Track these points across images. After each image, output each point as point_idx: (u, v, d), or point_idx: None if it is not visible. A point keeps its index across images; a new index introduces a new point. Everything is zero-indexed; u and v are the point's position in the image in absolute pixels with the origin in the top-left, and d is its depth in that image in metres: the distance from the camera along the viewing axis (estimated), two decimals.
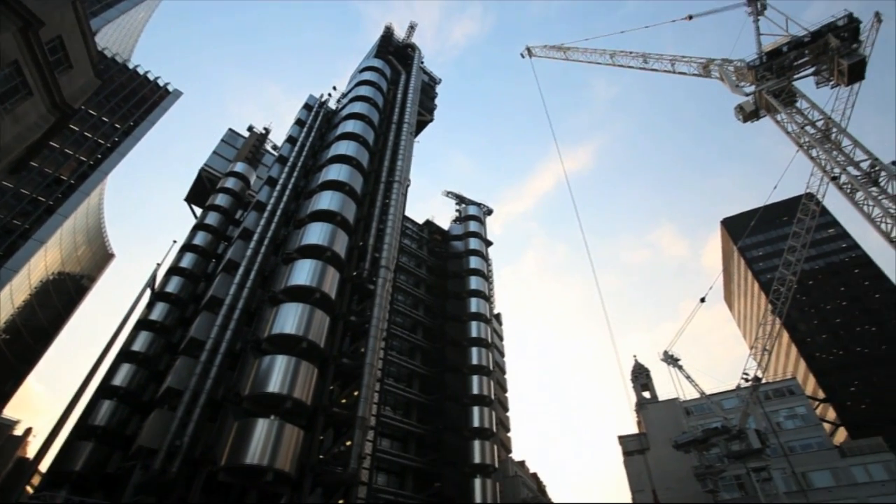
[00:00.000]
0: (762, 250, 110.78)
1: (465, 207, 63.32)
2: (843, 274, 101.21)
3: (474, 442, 42.44)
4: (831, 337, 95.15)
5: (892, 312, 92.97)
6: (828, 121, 39.70)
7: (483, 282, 54.62)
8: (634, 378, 71.56)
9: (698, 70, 48.40)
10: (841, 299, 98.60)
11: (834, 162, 37.78)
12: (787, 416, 60.59)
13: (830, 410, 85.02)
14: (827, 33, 40.80)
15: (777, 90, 42.42)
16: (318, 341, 29.51)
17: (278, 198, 38.90)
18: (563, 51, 61.35)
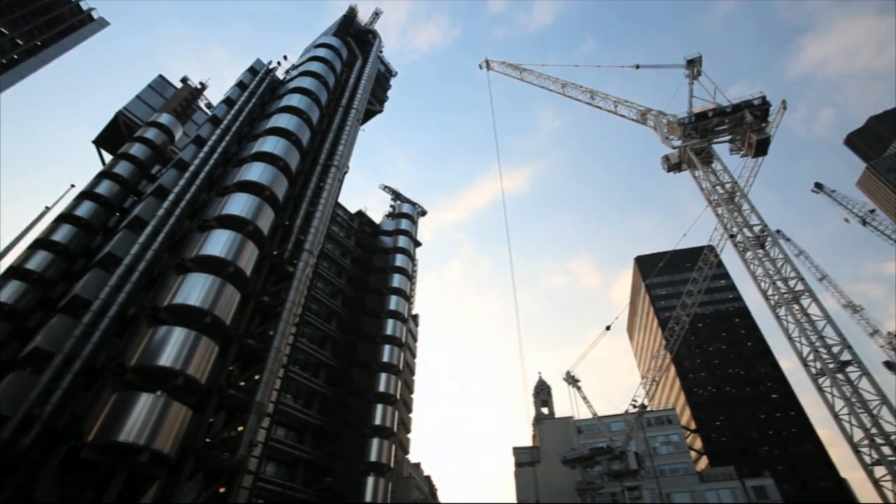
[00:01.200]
0: (665, 290, 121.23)
1: (400, 205, 62.91)
2: (726, 321, 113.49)
3: (373, 440, 42.03)
4: (709, 376, 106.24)
5: (758, 360, 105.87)
6: (734, 185, 44.48)
7: (406, 281, 54.51)
8: (536, 393, 75.02)
9: (636, 116, 52.11)
10: (721, 343, 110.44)
11: (734, 222, 42.34)
12: (662, 443, 66.63)
13: (698, 440, 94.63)
14: (744, 108, 45.86)
15: (699, 149, 46.81)
16: (225, 318, 27.68)
17: (204, 159, 36.08)
18: (520, 71, 63.29)
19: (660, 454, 65.22)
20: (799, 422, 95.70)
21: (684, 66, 49.44)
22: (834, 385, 33.34)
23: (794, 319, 36.74)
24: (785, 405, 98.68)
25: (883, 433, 30.76)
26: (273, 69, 50.44)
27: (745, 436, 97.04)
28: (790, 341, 36.93)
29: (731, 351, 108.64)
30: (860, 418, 31.72)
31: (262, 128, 40.35)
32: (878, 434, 30.91)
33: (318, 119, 44.89)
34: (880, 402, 32.04)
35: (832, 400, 33.59)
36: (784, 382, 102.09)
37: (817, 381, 34.71)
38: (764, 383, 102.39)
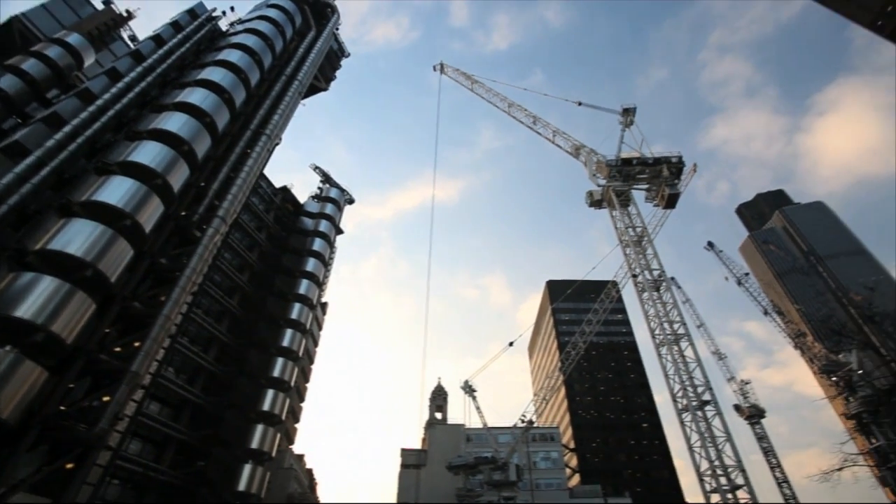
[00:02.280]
0: (569, 316, 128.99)
1: (328, 188, 60.79)
2: (616, 352, 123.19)
3: (258, 426, 39.89)
4: (593, 400, 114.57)
5: (637, 391, 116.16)
6: (644, 230, 48.59)
7: (321, 267, 52.74)
8: (433, 398, 75.93)
9: (571, 149, 55.11)
10: (609, 372, 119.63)
11: (638, 263, 46.14)
12: (542, 458, 70.51)
13: (574, 459, 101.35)
14: (663, 163, 50.32)
15: (620, 191, 50.54)
16: (110, 274, 24.83)
17: (118, 95, 32.25)
18: (472, 81, 64.36)
19: (538, 468, 68.93)
20: (660, 450, 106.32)
21: (620, 113, 53.22)
22: (693, 420, 37.42)
23: (671, 359, 40.72)
24: (652, 434, 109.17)
25: (723, 465, 35.05)
26: (216, 18, 46.60)
27: (615, 458, 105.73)
28: (665, 378, 40.88)
29: (616, 380, 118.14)
30: (708, 451, 35.88)
31: (193, 77, 37.07)
32: (719, 466, 35.15)
33: (257, 82, 42.19)
34: (725, 439, 36.51)
35: (689, 433, 37.70)
36: (655, 414, 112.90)
37: (681, 415, 38.76)
38: (638, 412, 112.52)
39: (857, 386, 78.88)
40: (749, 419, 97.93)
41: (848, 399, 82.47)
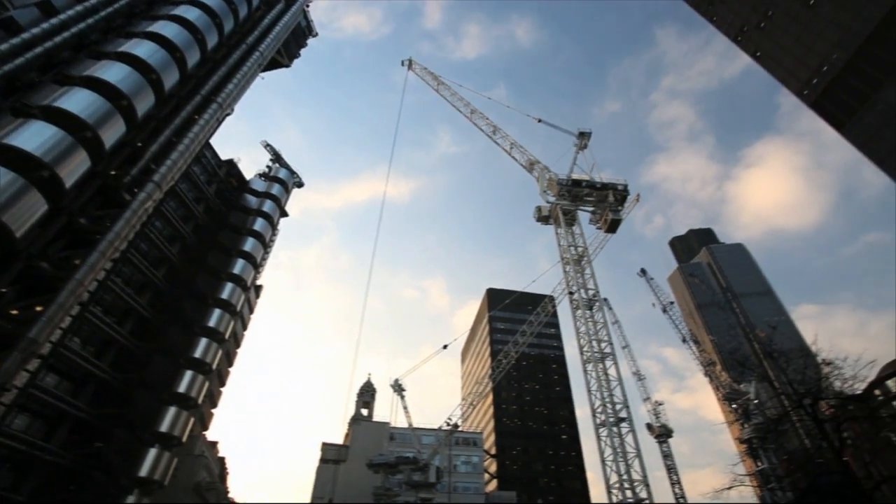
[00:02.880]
0: (505, 325, 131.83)
1: (278, 168, 58.14)
2: (545, 365, 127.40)
3: (171, 408, 37.40)
4: (518, 409, 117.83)
5: (560, 404, 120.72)
6: (585, 250, 50.67)
7: (260, 248, 50.47)
8: (361, 394, 74.85)
9: (526, 163, 56.50)
10: (536, 383, 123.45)
11: (575, 281, 48.00)
12: (463, 462, 71.43)
13: (494, 465, 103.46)
14: (610, 189, 52.83)
15: (567, 210, 52.42)
16: (15, 228, 22.40)
17: (49, 32, 29.20)
18: (438, 82, 64.44)
19: (458, 472, 69.76)
20: (576, 461, 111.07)
21: (576, 135, 55.29)
22: (609, 436, 39.39)
23: (596, 376, 42.67)
24: (569, 446, 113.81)
25: (630, 480, 37.18)
26: None
27: (533, 467, 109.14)
28: (588, 393, 42.77)
29: (542, 392, 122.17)
30: (619, 465, 37.91)
31: (142, 27, 34.38)
32: (627, 480, 37.24)
33: (214, 46, 39.86)
34: (635, 455, 38.78)
35: (604, 447, 39.65)
36: (574, 427, 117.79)
37: (598, 430, 40.69)
38: (559, 424, 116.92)
39: (752, 414, 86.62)
40: (658, 438, 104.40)
41: (743, 425, 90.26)
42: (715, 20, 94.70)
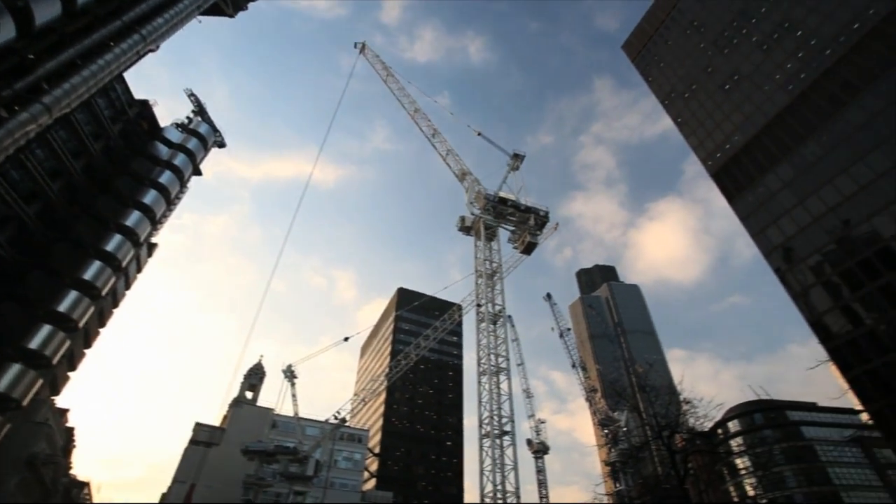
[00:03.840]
0: (410, 326, 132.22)
1: (199, 122, 53.43)
2: (442, 371, 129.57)
3: (15, 365, 32.46)
4: (409, 411, 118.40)
5: (451, 411, 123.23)
6: (499, 266, 52.47)
7: (162, 203, 45.81)
8: (248, 376, 70.64)
9: (458, 172, 57.41)
10: (430, 388, 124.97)
11: (485, 294, 49.47)
12: (345, 458, 70.07)
13: (376, 464, 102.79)
14: (532, 213, 55.30)
15: (489, 225, 53.99)
16: None
17: None
18: (387, 72, 63.59)
19: (338, 467, 68.29)
20: (456, 468, 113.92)
21: (511, 156, 57.28)
22: (492, 447, 40.87)
23: (488, 388, 44.14)
24: (452, 453, 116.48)
25: (504, 491, 38.82)
26: None
27: (414, 470, 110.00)
28: (479, 404, 44.09)
29: (435, 397, 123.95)
30: (496, 476, 39.44)
31: None
32: (501, 490, 38.83)
33: None
34: (512, 468, 40.60)
35: (484, 457, 41.07)
36: (460, 435, 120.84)
37: (482, 440, 42.08)
38: (446, 431, 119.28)
39: (620, 440, 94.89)
40: (535, 453, 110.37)
41: (610, 449, 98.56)
42: (650, 80, 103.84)
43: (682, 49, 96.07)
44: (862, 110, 59.29)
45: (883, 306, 51.76)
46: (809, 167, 63.39)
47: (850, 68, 62.41)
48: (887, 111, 56.38)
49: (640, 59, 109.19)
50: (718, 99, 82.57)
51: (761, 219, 67.88)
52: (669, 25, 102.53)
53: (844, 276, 56.30)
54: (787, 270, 62.69)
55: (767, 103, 72.86)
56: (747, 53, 79.45)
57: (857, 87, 60.84)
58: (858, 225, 56.04)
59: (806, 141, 65.07)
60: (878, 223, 53.57)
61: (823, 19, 68.02)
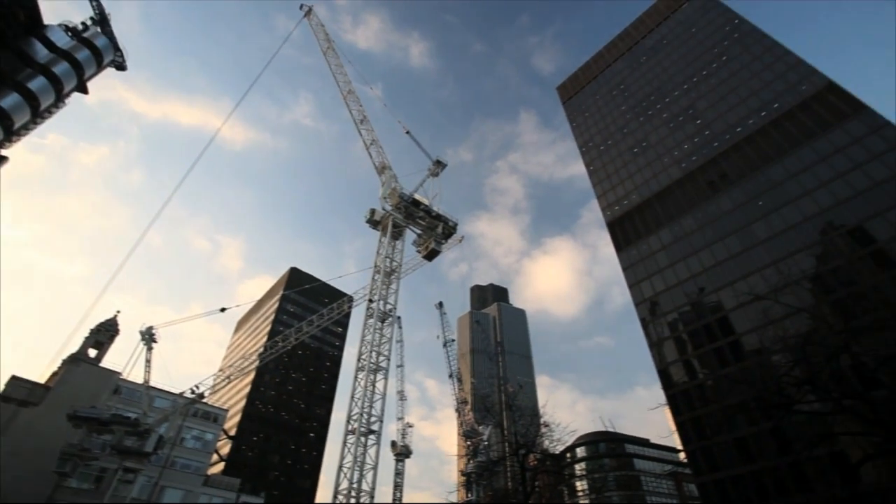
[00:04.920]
0: (295, 308, 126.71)
1: (98, 33, 45.81)
2: (320, 360, 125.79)
3: None
4: (277, 396, 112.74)
5: (321, 402, 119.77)
6: (398, 267, 52.44)
7: (24, 113, 37.08)
8: (97, 331, 62.06)
9: (378, 163, 56.57)
10: (304, 375, 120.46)
11: (379, 291, 49.07)
12: (194, 437, 64.37)
13: (228, 447, 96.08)
14: (442, 221, 56.11)
15: (398, 224, 53.81)
16: None
17: None
18: (329, 44, 60.99)
19: (185, 446, 62.50)
20: (314, 462, 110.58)
21: (433, 162, 57.84)
22: (356, 444, 40.30)
23: (364, 385, 43.62)
24: (314, 445, 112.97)
25: (359, 489, 38.42)
26: None
27: (270, 458, 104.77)
28: (351, 399, 43.36)
29: (307, 385, 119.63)
30: (354, 474, 38.91)
31: None
32: (356, 489, 38.37)
33: None
34: (372, 468, 40.39)
35: (346, 453, 40.37)
36: (326, 428, 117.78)
37: (347, 436, 41.35)
38: (312, 422, 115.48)
39: (480, 452, 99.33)
40: (398, 456, 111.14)
41: (469, 460, 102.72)
42: (574, 125, 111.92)
43: (607, 106, 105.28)
44: (730, 200, 69.61)
45: (714, 365, 60.67)
46: (684, 237, 72.67)
47: (728, 162, 73.09)
48: (747, 205, 66.81)
49: (569, 104, 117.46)
50: (627, 158, 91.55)
51: (639, 272, 76.12)
52: (601, 82, 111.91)
53: (691, 334, 65.13)
54: (650, 322, 70.87)
55: (663, 174, 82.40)
56: (657, 126, 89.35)
57: (730, 179, 71.38)
58: (709, 294, 65.31)
59: (685, 214, 74.61)
60: (723, 296, 62.92)
61: (718, 116, 79.00)
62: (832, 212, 57.49)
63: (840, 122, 62.10)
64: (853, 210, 55.58)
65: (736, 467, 53.05)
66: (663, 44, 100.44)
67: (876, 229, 52.86)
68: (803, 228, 59.15)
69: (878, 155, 56.41)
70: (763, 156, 68.78)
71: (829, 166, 60.40)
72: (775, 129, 69.40)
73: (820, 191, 59.71)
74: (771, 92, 72.98)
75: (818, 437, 34.42)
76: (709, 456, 56.42)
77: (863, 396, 24.32)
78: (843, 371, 27.76)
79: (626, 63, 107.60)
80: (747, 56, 79.93)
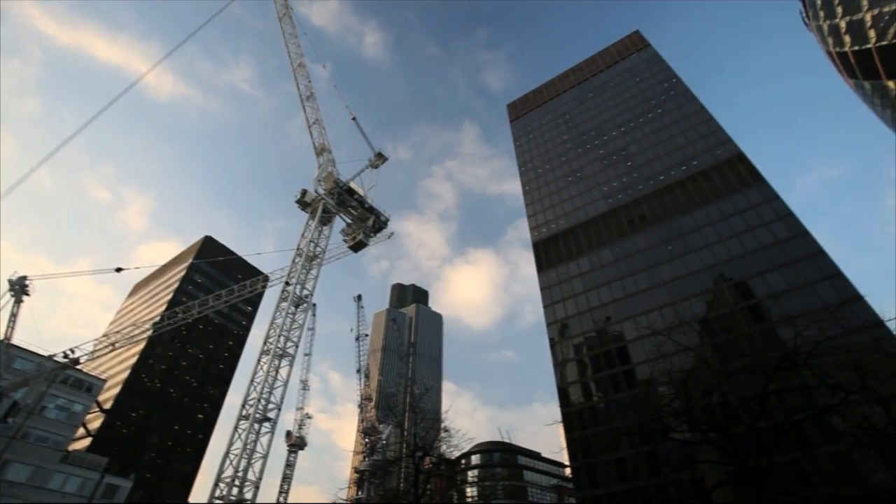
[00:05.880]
0: (203, 279, 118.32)
1: None
2: (223, 338, 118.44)
3: None
4: (167, 371, 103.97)
5: (216, 381, 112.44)
6: (322, 253, 50.78)
7: None
8: None
9: (318, 145, 54.54)
10: (201, 352, 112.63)
11: (298, 276, 47.19)
12: (58, 406, 57.37)
13: (100, 421, 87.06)
14: (373, 215, 55.09)
15: (329, 209, 52.14)
16: None
17: None
18: (286, 10, 58.11)
19: (45, 416, 55.40)
20: (199, 445, 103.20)
21: (375, 153, 56.75)
22: (248, 431, 38.11)
23: (266, 369, 41.52)
24: (201, 427, 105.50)
25: (243, 478, 36.27)
26: None
27: (149, 437, 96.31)
28: (251, 383, 41.06)
29: (204, 363, 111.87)
30: (241, 461, 36.71)
31: None
32: (241, 478, 36.18)
33: None
34: (262, 457, 38.39)
35: (236, 439, 38.03)
36: (218, 410, 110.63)
37: (240, 421, 39.01)
38: (203, 402, 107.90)
39: (377, 451, 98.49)
40: (291, 447, 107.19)
41: (365, 458, 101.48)
42: (518, 143, 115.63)
43: (551, 132, 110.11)
44: (644, 240, 75.58)
45: (609, 390, 65.15)
46: (600, 267, 77.62)
47: (648, 205, 79.41)
48: (658, 248, 72.97)
49: (516, 123, 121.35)
50: (561, 185, 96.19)
51: (555, 294, 80.00)
52: (549, 108, 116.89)
53: (593, 359, 69.50)
54: (558, 342, 74.66)
55: (591, 206, 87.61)
56: (592, 160, 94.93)
57: (648, 221, 77.57)
58: (614, 324, 70.22)
59: (605, 246, 79.79)
60: (626, 327, 67.92)
61: (646, 162, 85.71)
62: (724, 266, 64.38)
63: (742, 189, 69.88)
64: (740, 267, 62.66)
65: (614, 485, 57.20)
66: (610, 85, 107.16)
67: (756, 286, 59.98)
68: (700, 276, 65.62)
69: (766, 222, 64.11)
70: (678, 205, 75.51)
71: (728, 225, 67.65)
72: (691, 183, 76.54)
73: (717, 245, 66.65)
74: (692, 150, 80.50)
75: (684, 463, 38.09)
76: (591, 473, 60.32)
77: (725, 431, 27.31)
78: (712, 407, 30.87)
79: (575, 96, 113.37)
80: (678, 114, 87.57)
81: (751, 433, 27.12)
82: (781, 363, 26.77)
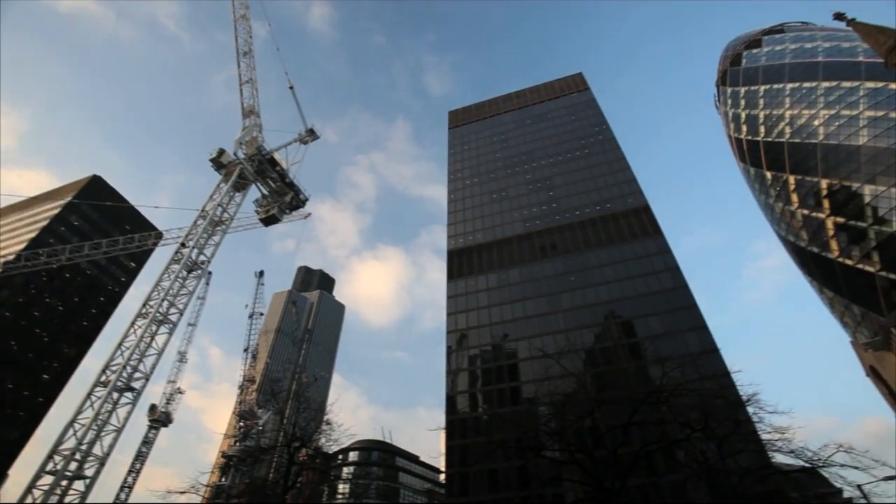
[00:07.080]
0: (81, 224, 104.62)
1: None
2: (93, 292, 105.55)
3: None
4: (12, 318, 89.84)
5: (72, 340, 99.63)
6: (229, 220, 47.33)
7: None
8: None
9: (248, 105, 51.15)
10: (63, 304, 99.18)
11: (196, 240, 43.56)
12: None
13: None
14: (292, 191, 52.41)
15: (245, 174, 48.86)
16: None
17: None
18: None
19: None
20: (36, 410, 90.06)
21: (307, 129, 54.24)
22: (105, 399, 34.02)
23: (139, 334, 37.57)
24: (45, 390, 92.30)
25: (86, 452, 32.15)
26: None
27: None
28: (118, 346, 36.89)
29: (63, 317, 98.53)
30: (88, 433, 32.57)
31: None
32: (85, 452, 32.03)
33: None
34: (115, 431, 34.42)
35: (86, 407, 33.74)
36: (70, 372, 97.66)
37: (96, 386, 34.74)
38: (53, 361, 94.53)
39: (251, 437, 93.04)
40: (153, 422, 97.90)
41: (236, 442, 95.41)
42: (451, 151, 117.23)
43: (485, 148, 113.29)
44: (552, 267, 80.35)
45: (494, 403, 67.86)
46: (504, 286, 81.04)
47: (560, 236, 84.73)
48: (562, 277, 77.96)
49: (454, 131, 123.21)
50: (486, 200, 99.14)
51: (460, 304, 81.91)
52: (488, 125, 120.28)
53: (484, 371, 72.04)
54: (455, 351, 76.36)
55: (509, 226, 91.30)
56: (518, 183, 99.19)
57: (558, 251, 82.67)
58: (510, 342, 73.51)
59: (515, 266, 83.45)
60: (521, 346, 71.39)
61: (565, 196, 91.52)
62: (615, 304, 70.48)
63: (643, 237, 77.22)
64: (629, 307, 69.02)
65: (484, 494, 59.41)
66: (548, 117, 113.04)
67: (638, 327, 66.44)
68: (594, 310, 71.14)
69: (657, 271, 71.40)
70: (586, 241, 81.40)
71: (625, 268, 74.26)
72: (602, 222, 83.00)
73: (613, 284, 72.81)
74: (608, 193, 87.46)
75: (550, 479, 40.81)
76: (464, 481, 62.16)
77: (591, 453, 29.76)
78: (583, 430, 33.45)
79: (514, 119, 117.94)
80: (602, 157, 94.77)
81: (612, 458, 29.85)
82: (647, 398, 29.88)
